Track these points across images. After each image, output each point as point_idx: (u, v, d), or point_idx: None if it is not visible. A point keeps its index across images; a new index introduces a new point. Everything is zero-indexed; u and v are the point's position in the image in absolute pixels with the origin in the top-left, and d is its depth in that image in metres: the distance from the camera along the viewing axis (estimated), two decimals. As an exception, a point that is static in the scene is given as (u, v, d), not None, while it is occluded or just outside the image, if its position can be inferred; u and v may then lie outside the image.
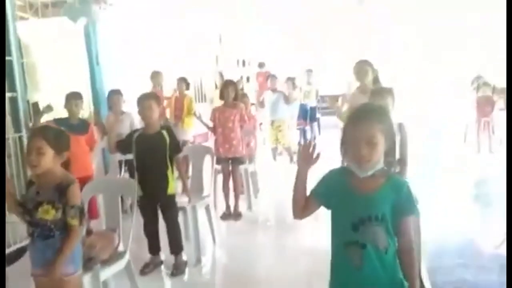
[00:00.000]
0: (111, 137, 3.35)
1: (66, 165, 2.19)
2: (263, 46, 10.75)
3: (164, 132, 3.17)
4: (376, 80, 3.71)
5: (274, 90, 6.67)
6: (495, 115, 6.51)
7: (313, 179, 1.66)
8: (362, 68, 3.69)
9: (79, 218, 2.08)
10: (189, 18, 7.67)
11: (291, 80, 6.98)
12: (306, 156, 1.63)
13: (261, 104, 6.84)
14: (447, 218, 4.15)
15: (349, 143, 1.52)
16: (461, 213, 4.46)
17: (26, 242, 3.41)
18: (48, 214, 2.04)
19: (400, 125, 2.91)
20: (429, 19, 10.16)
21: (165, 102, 6.13)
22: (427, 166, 5.52)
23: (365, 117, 1.52)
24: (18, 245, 3.62)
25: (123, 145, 3.29)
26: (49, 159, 2.05)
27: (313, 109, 8.34)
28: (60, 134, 2.16)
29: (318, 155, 1.62)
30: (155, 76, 5.91)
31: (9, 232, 3.47)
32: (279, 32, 11.02)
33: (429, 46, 10.84)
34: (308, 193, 1.65)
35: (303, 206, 1.66)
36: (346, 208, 1.56)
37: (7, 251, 3.49)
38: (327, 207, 1.64)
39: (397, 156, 2.88)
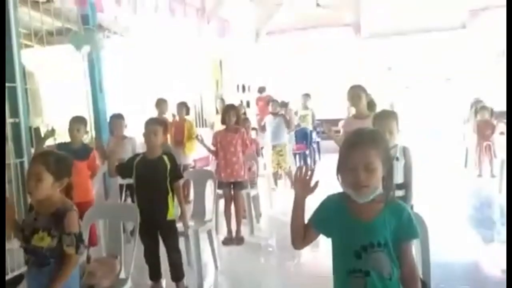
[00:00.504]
0: (111, 161, 3.33)
1: (67, 191, 2.16)
2: (263, 71, 10.90)
3: (165, 158, 3.17)
4: (371, 104, 3.74)
5: (275, 115, 6.68)
6: (496, 139, 6.51)
7: (313, 205, 1.64)
8: (355, 93, 3.72)
9: (76, 247, 2.02)
10: (190, 44, 7.80)
11: (285, 104, 6.98)
12: (302, 183, 1.60)
13: (262, 128, 6.84)
14: (452, 242, 4.10)
15: (346, 169, 1.49)
16: (465, 238, 4.41)
17: (23, 269, 3.39)
18: (43, 241, 2.00)
19: (405, 149, 2.91)
20: (424, 43, 10.39)
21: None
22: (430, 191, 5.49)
23: (361, 142, 1.50)
24: (16, 272, 3.55)
25: (123, 169, 3.27)
26: (47, 186, 2.01)
27: (311, 133, 8.38)
28: (62, 160, 2.12)
29: (316, 183, 1.59)
30: (161, 103, 5.95)
31: (7, 259, 3.42)
32: (279, 57, 11.23)
33: (427, 73, 11.02)
34: (306, 221, 1.63)
35: (302, 235, 1.62)
36: (346, 236, 1.53)
37: (6, 278, 3.43)
38: (327, 235, 1.61)
39: (402, 180, 2.89)
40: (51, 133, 3.93)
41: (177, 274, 3.25)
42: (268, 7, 10.35)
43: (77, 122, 3.85)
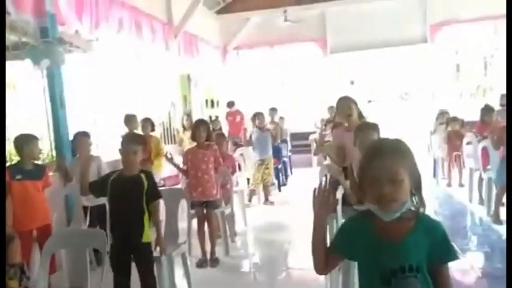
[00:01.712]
0: (84, 180, 3.07)
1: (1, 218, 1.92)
2: (232, 86, 10.81)
3: (143, 176, 2.94)
4: (360, 116, 3.67)
5: (262, 129, 6.57)
6: (465, 148, 6.66)
7: (287, 219, 1.49)
8: (346, 104, 3.64)
9: (19, 279, 1.80)
10: (157, 59, 7.59)
11: (261, 115, 6.86)
12: (323, 201, 1.45)
13: (249, 142, 6.73)
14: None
15: (368, 183, 1.34)
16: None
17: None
18: None
19: None
20: (386, 57, 10.68)
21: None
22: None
23: (385, 152, 1.36)
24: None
25: (97, 187, 3.01)
26: None
27: (281, 147, 8.31)
28: None
29: (336, 201, 1.46)
30: (130, 119, 5.68)
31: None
32: (247, 72, 11.19)
33: (388, 86, 11.33)
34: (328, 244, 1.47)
35: (324, 259, 1.45)
36: (373, 259, 1.36)
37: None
38: (352, 259, 1.47)
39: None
40: None
41: (150, 303, 2.99)
42: (235, 22, 10.31)
43: (29, 141, 3.58)
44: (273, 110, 8.35)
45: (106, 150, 5.57)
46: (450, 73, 11.19)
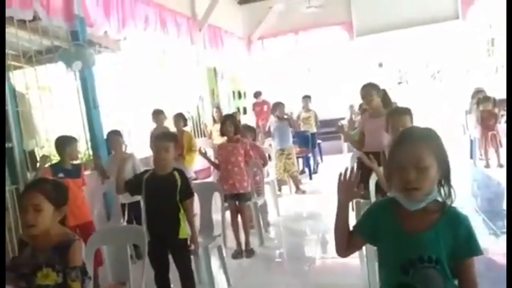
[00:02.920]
0: (120, 177, 3.12)
1: (63, 220, 1.98)
2: (258, 76, 10.79)
3: (176, 174, 2.99)
4: (385, 100, 3.64)
5: (280, 118, 6.54)
6: (500, 128, 6.42)
7: (319, 208, 1.52)
8: (366, 92, 3.63)
9: (81, 281, 1.86)
10: (183, 53, 7.67)
11: (281, 104, 6.78)
12: (347, 186, 1.47)
13: (268, 133, 6.72)
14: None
15: (395, 170, 1.34)
16: (475, 230, 4.25)
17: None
18: (49, 278, 1.82)
19: None
20: (415, 37, 10.33)
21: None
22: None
23: (411, 138, 1.36)
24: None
25: (132, 185, 3.08)
26: (48, 216, 1.83)
27: (313, 136, 8.25)
28: (59, 186, 1.96)
29: (362, 187, 1.48)
30: (157, 114, 5.80)
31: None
32: (272, 61, 11.12)
33: (418, 66, 10.97)
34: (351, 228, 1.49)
35: (346, 242, 1.48)
36: (394, 247, 1.37)
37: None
38: (373, 244, 1.47)
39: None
40: (43, 159, 3.77)
41: (189, 294, 3.08)
42: (258, 12, 10.24)
43: (69, 142, 3.74)
44: (306, 98, 8.30)
45: (139, 147, 5.72)
46: (483, 48, 10.70)
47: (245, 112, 10.16)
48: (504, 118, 6.12)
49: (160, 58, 7.31)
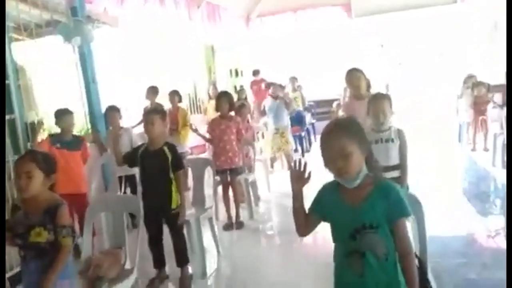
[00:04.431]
0: (117, 150, 3.39)
1: (51, 186, 2.20)
2: (256, 54, 10.82)
3: (166, 149, 3.20)
4: (368, 86, 3.78)
5: (275, 98, 6.68)
6: (490, 113, 6.60)
7: (309, 185, 1.70)
8: (354, 75, 3.76)
9: (72, 237, 2.10)
10: (181, 30, 7.72)
11: (275, 85, 6.92)
12: (297, 176, 1.68)
13: (262, 112, 6.85)
14: (447, 217, 4.19)
15: (326, 160, 1.56)
16: (460, 212, 4.50)
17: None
18: (41, 236, 2.06)
19: (399, 131, 2.98)
20: (416, 20, 10.35)
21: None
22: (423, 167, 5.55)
23: (331, 131, 1.57)
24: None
25: (129, 159, 3.33)
26: (38, 183, 2.06)
27: (302, 115, 8.42)
28: (48, 156, 2.20)
29: (309, 174, 1.66)
30: (149, 91, 5.93)
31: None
32: (271, 40, 11.14)
33: (419, 48, 11.01)
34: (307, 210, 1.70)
35: (304, 223, 1.70)
36: (341, 220, 1.60)
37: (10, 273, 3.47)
38: (325, 220, 1.69)
39: (397, 161, 2.96)
40: (39, 125, 3.98)
41: (182, 260, 3.33)
42: (258, -11, 10.18)
43: (63, 114, 3.90)
44: (293, 79, 8.42)
45: (136, 122, 5.87)
46: (482, 33, 10.71)
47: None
48: (496, 101, 6.32)
49: (158, 34, 7.37)
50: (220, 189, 4.62)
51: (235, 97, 7.32)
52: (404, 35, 11.09)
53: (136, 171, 3.97)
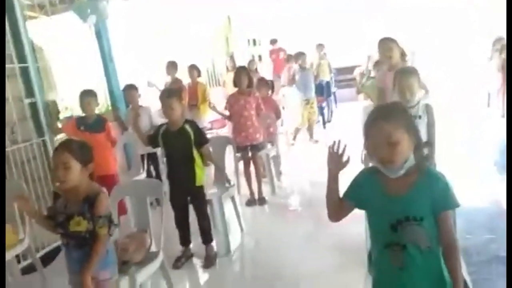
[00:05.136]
0: (139, 130, 3.45)
1: (90, 174, 2.20)
2: (273, 22, 10.51)
3: (187, 127, 3.19)
4: (403, 55, 3.59)
5: (304, 68, 6.58)
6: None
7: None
8: (386, 45, 3.56)
9: (108, 227, 2.11)
10: (196, 2, 7.52)
11: (303, 55, 6.78)
12: (335, 159, 1.59)
13: (292, 81, 6.77)
14: (476, 190, 4.07)
15: (370, 148, 1.48)
16: (490, 183, 4.37)
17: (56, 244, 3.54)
18: (81, 225, 2.07)
19: (427, 106, 2.85)
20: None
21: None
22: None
23: (379, 117, 1.48)
24: (51, 247, 3.70)
25: (152, 139, 3.35)
26: (76, 173, 2.05)
27: (328, 84, 8.23)
28: (84, 146, 2.17)
29: (348, 158, 1.58)
30: (169, 66, 5.88)
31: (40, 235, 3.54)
32: (288, 7, 10.76)
33: (444, 12, 10.46)
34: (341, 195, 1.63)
35: (337, 209, 1.64)
36: (381, 210, 1.53)
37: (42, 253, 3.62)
38: (362, 208, 1.61)
39: (425, 138, 2.84)
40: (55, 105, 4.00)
41: (206, 238, 3.40)
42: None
43: (86, 96, 3.87)
44: (320, 46, 8.20)
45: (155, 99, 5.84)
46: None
47: (260, 59, 10.06)
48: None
49: (174, 6, 7.20)
50: (241, 165, 4.60)
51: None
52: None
53: (158, 149, 4.00)
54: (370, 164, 3.63)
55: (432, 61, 9.30)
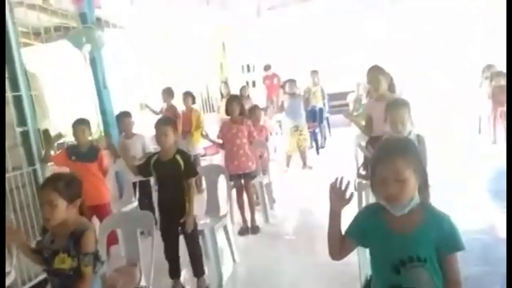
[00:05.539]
0: (129, 162, 3.36)
1: (80, 209, 2.17)
2: (267, 48, 10.68)
3: (179, 157, 3.17)
4: (391, 86, 3.65)
5: (292, 95, 6.58)
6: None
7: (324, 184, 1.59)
8: (374, 76, 3.64)
9: (93, 265, 2.06)
10: (191, 27, 7.64)
11: (292, 81, 6.82)
12: (338, 196, 1.56)
13: (280, 108, 6.78)
14: (469, 218, 4.06)
15: (377, 183, 1.45)
16: (483, 211, 4.37)
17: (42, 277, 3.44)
18: (65, 263, 2.02)
19: (419, 137, 2.87)
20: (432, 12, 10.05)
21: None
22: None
23: (389, 153, 1.45)
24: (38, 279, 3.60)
25: (143, 169, 3.31)
26: (62, 211, 2.02)
27: (321, 110, 8.29)
28: (71, 182, 2.12)
29: (351, 194, 1.54)
30: (164, 93, 5.91)
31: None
32: (282, 32, 10.96)
33: (435, 41, 10.71)
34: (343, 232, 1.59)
35: (339, 246, 1.58)
36: (384, 249, 1.48)
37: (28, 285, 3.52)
38: (365, 246, 1.58)
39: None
40: (58, 137, 3.97)
41: (198, 270, 3.32)
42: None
43: (80, 124, 3.86)
44: (314, 72, 8.30)
45: (149, 125, 5.85)
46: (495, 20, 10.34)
47: (254, 85, 10.17)
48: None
49: (168, 33, 7.31)
50: (234, 192, 4.57)
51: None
52: (418, 21, 10.76)
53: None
54: (364, 193, 3.61)
55: (422, 88, 9.48)
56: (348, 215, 1.70)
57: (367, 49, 9.75)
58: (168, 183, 3.19)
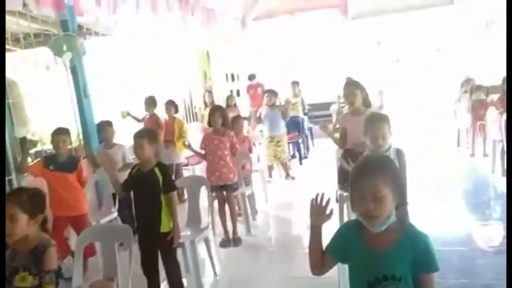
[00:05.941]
0: (113, 178, 3.22)
1: (43, 224, 2.10)
2: (252, 58, 10.72)
3: (157, 170, 3.09)
4: (366, 101, 3.70)
5: (272, 106, 6.56)
6: (489, 118, 6.53)
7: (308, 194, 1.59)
8: (350, 91, 3.69)
9: (55, 283, 1.99)
10: (175, 37, 7.62)
11: (271, 92, 6.79)
12: (318, 212, 1.57)
13: (259, 120, 6.73)
14: (447, 229, 4.11)
15: (355, 200, 1.46)
16: (460, 222, 4.43)
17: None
18: (26, 281, 1.95)
19: (399, 151, 2.89)
20: (412, 20, 10.29)
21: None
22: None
23: (368, 170, 1.46)
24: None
25: (128, 186, 3.20)
26: (22, 226, 1.95)
27: (302, 121, 8.33)
28: (35, 196, 2.06)
29: (331, 210, 1.56)
30: (147, 102, 5.86)
31: None
32: (267, 43, 11.03)
33: (416, 45, 10.95)
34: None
35: (320, 262, 1.59)
36: (361, 266, 1.49)
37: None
38: (344, 262, 1.58)
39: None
40: (31, 144, 3.89)
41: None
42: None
43: (60, 134, 3.77)
44: (295, 84, 8.33)
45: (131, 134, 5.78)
46: (477, 32, 10.62)
47: (238, 94, 10.16)
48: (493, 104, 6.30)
49: (151, 41, 7.26)
50: (216, 203, 4.53)
51: (224, 103, 7.25)
52: (401, 34, 11.01)
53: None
54: (345, 205, 3.60)
55: (400, 100, 9.66)
56: (330, 227, 1.71)
57: (348, 62, 9.90)
58: (145, 196, 3.10)
